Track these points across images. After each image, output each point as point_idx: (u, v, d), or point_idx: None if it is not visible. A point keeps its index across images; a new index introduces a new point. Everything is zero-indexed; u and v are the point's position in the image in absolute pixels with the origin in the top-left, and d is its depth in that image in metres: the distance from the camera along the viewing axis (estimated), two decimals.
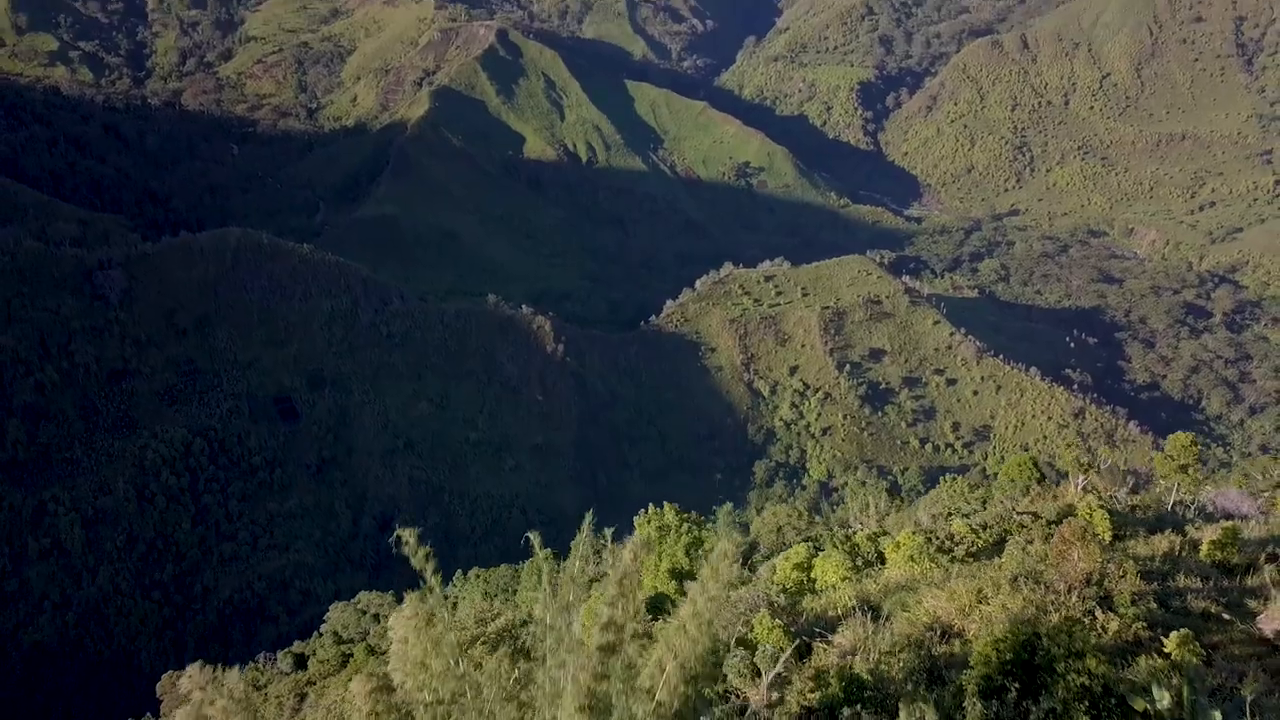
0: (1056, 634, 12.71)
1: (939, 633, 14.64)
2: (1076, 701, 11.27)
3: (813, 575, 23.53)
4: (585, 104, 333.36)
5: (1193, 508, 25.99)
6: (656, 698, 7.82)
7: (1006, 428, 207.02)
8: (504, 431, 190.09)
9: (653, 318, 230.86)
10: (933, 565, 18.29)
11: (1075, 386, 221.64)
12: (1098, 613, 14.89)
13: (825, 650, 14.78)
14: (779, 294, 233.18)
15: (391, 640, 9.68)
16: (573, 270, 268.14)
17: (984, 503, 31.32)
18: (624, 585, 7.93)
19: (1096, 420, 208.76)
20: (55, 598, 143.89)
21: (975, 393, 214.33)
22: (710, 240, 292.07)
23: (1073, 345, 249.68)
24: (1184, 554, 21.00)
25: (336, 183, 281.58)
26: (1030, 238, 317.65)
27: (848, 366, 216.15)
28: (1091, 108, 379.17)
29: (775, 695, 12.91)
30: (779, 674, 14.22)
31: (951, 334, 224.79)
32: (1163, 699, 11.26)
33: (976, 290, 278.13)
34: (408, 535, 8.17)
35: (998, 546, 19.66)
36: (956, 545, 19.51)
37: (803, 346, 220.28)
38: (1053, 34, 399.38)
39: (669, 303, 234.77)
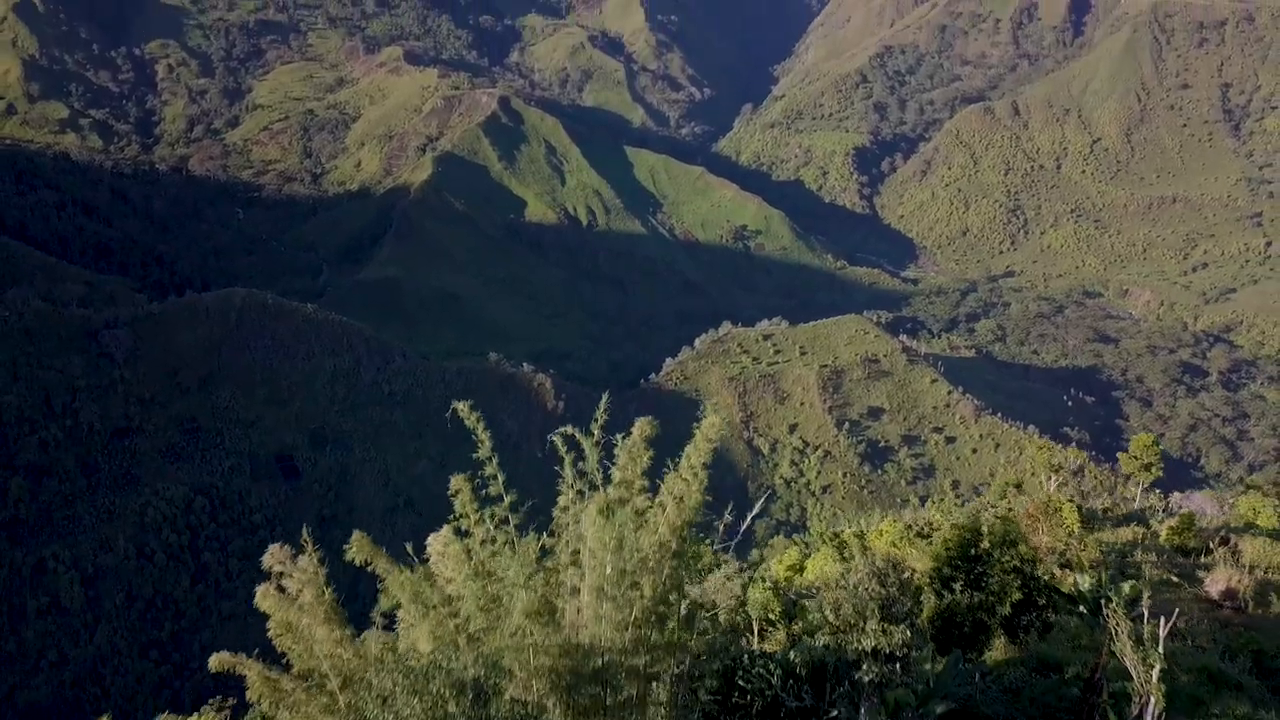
0: (993, 529, 14.57)
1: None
2: (1010, 579, 13.75)
3: (805, 576, 25.04)
4: (585, 169, 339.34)
5: (1162, 511, 27.95)
6: (659, 534, 9.73)
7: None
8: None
9: (652, 376, 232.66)
10: (912, 549, 19.62)
11: (1074, 444, 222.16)
12: (1057, 572, 16.35)
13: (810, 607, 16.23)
14: (777, 353, 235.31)
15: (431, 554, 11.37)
16: (574, 330, 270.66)
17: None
18: (632, 453, 9.82)
19: (1096, 478, 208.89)
20: (53, 657, 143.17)
21: (974, 451, 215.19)
22: (709, 300, 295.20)
23: (1070, 404, 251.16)
24: (1146, 540, 22.88)
25: (340, 245, 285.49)
26: (1026, 299, 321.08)
27: (847, 424, 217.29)
28: (1083, 172, 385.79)
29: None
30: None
31: (950, 392, 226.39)
32: (1084, 581, 13.12)
33: (974, 350, 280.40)
34: (463, 407, 9.85)
35: None
36: (934, 531, 20.91)
37: (802, 405, 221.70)
38: (1043, 101, 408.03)
39: (668, 361, 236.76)
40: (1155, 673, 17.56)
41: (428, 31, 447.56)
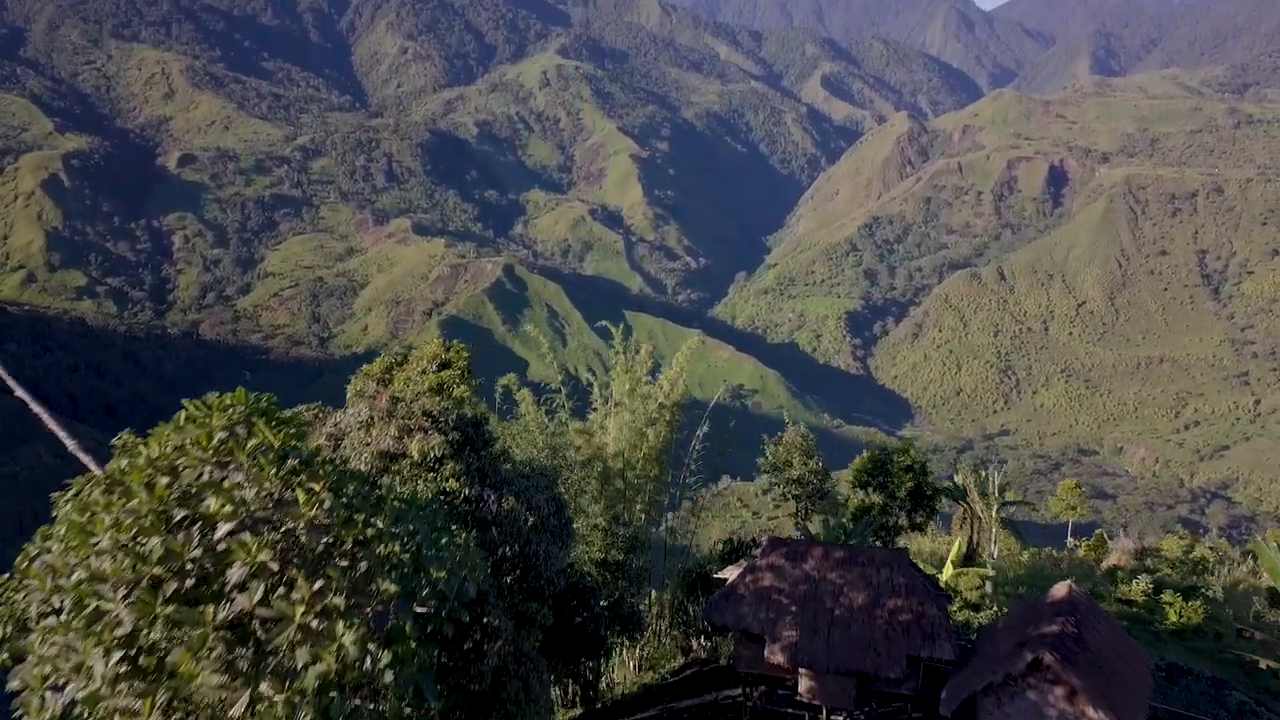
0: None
1: None
2: (905, 475, 22.44)
3: None
4: (586, 332, 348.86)
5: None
6: (659, 401, 16.43)
7: None
8: None
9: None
10: None
11: None
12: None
13: None
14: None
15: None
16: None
17: None
18: (639, 359, 15.85)
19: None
20: None
21: None
22: (707, 455, 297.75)
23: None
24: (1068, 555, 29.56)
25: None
26: (1022, 456, 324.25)
27: None
28: (1071, 334, 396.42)
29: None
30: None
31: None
32: (958, 479, 18.93)
33: None
34: (531, 328, 14.24)
35: None
36: None
37: None
38: (1027, 266, 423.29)
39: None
40: (994, 511, 35.15)
41: (435, 205, 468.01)
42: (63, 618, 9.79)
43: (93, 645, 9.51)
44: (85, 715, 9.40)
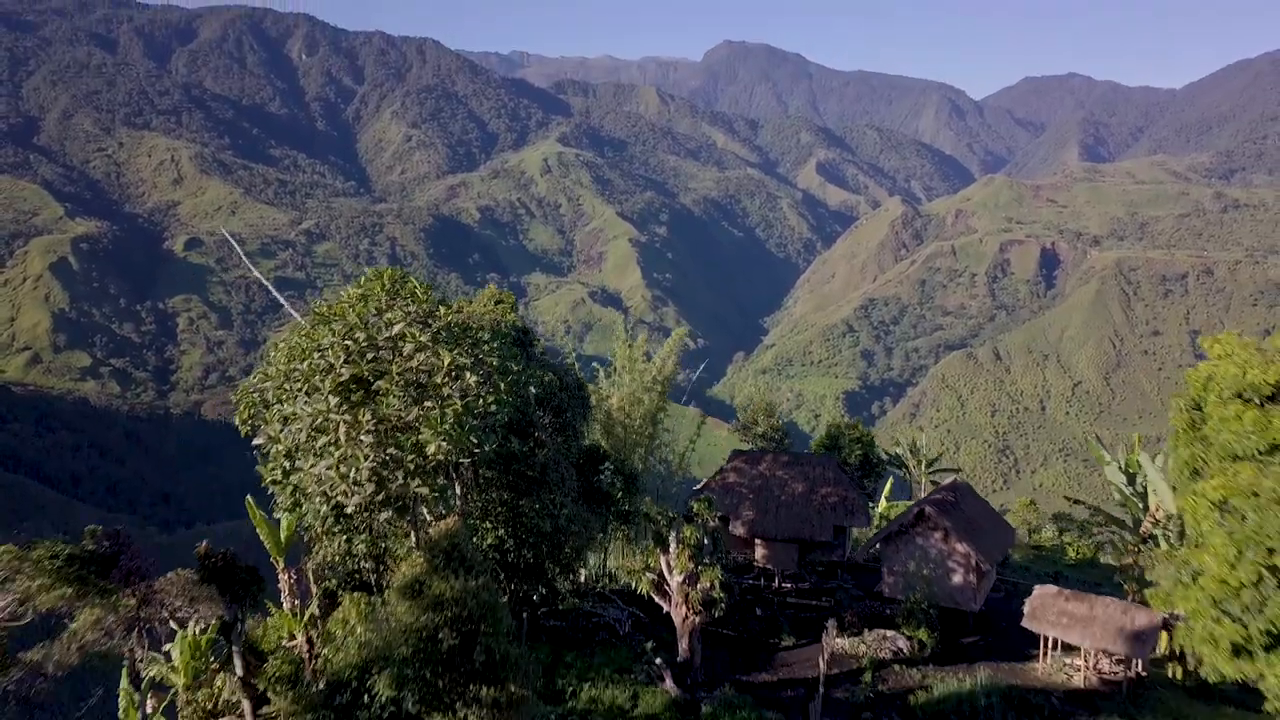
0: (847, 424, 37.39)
1: None
2: (855, 446, 47.17)
3: None
4: None
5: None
6: (653, 375, 24.33)
7: None
8: None
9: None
10: None
11: None
12: None
13: None
14: None
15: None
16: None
17: None
18: (636, 344, 22.43)
19: None
20: None
21: None
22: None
23: None
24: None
25: None
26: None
27: None
28: (1067, 413, 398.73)
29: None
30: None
31: None
32: (899, 452, 26.07)
33: None
34: (549, 332, 17.53)
35: None
36: None
37: None
38: (1022, 347, 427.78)
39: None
40: (924, 467, 61.94)
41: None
42: (299, 384, 21.96)
43: (328, 386, 22.44)
44: (317, 431, 21.42)
